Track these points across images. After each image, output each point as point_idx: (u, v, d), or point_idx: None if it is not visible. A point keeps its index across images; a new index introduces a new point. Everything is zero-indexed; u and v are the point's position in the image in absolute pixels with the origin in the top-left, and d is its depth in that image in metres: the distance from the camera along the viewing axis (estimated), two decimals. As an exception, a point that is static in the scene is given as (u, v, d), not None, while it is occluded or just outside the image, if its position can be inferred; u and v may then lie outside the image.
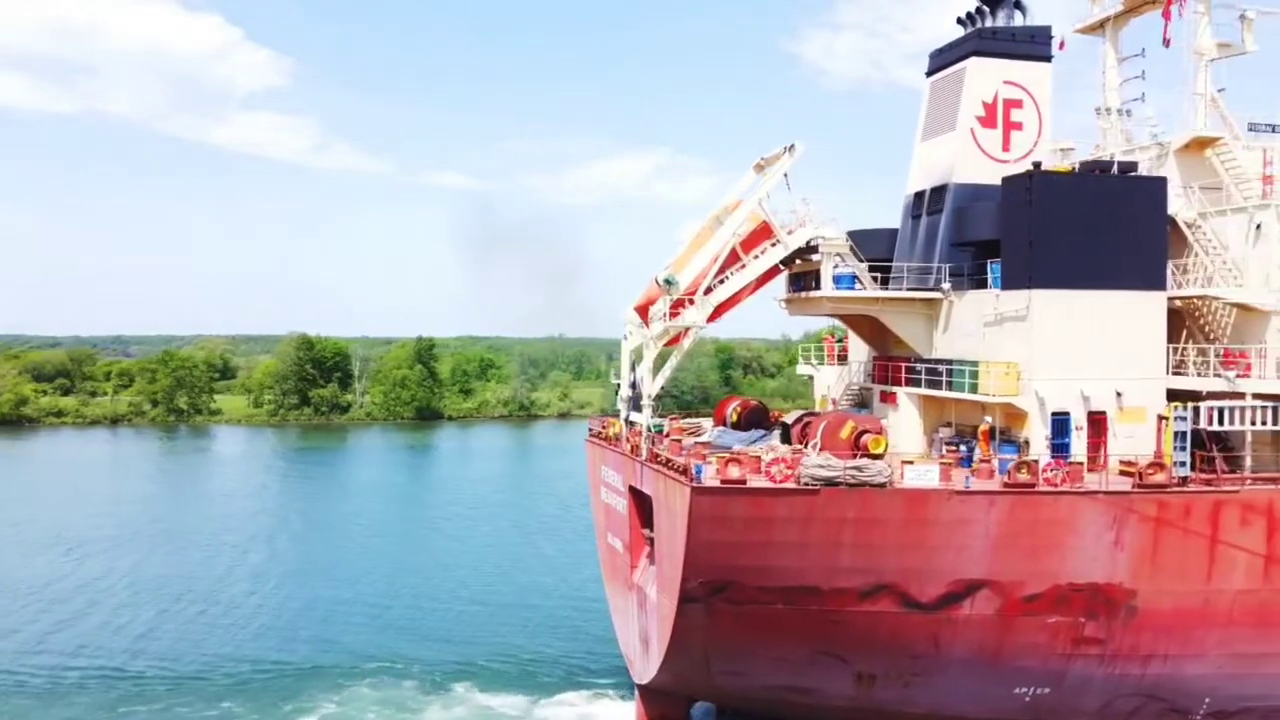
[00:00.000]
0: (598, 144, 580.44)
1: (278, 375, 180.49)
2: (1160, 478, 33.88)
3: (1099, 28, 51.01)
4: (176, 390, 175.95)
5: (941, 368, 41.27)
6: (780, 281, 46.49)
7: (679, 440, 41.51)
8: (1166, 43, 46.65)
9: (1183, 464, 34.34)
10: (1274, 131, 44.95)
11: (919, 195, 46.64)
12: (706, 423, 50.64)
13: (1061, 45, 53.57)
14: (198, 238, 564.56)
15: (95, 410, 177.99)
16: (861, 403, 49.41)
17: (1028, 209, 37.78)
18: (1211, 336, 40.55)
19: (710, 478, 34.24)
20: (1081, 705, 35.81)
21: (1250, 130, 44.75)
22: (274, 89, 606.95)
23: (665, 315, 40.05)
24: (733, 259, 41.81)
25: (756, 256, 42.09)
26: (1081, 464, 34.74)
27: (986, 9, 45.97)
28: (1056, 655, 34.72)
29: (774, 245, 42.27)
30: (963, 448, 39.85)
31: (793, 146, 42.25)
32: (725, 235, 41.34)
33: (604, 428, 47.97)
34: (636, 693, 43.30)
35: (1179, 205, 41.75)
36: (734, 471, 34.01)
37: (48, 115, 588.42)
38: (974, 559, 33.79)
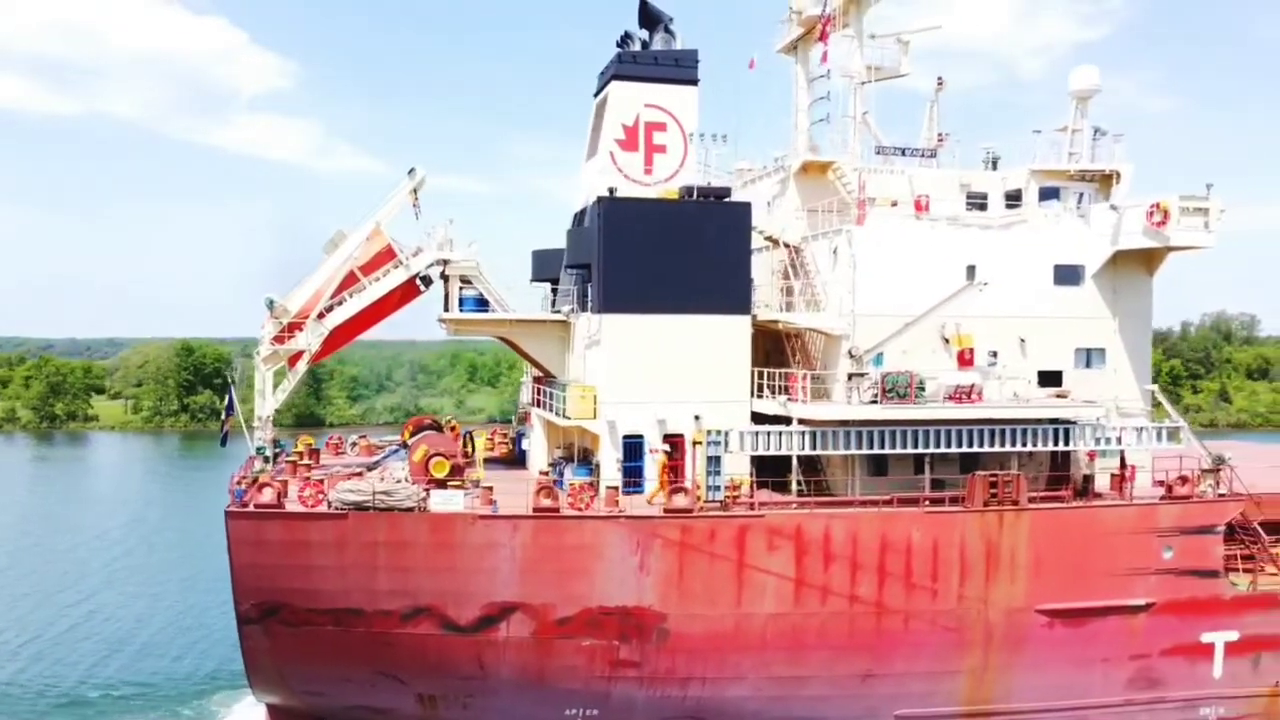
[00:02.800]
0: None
1: (156, 381, 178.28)
2: (683, 502, 34.37)
3: (792, 49, 51.93)
4: (51, 396, 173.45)
5: (550, 390, 41.71)
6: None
7: (294, 462, 41.79)
8: (824, 59, 47.56)
9: (715, 488, 34.87)
10: (904, 154, 45.86)
11: (576, 216, 47.10)
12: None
13: (751, 64, 54.56)
14: (198, 239, 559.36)
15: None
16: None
17: (598, 233, 38.27)
18: (810, 361, 41.20)
19: (252, 501, 34.43)
20: (632, 726, 36.24)
21: (878, 154, 45.62)
22: (279, 91, 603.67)
23: (271, 339, 40.35)
24: (352, 281, 42.00)
25: (378, 279, 42.26)
26: (616, 488, 35.20)
27: (644, 31, 46.59)
28: (597, 677, 35.10)
29: (397, 267, 42.47)
30: (553, 470, 40.36)
31: (414, 170, 42.55)
32: (341, 257, 41.56)
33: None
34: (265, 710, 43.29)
35: (789, 229, 42.48)
36: (268, 495, 34.21)
37: (50, 117, 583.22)
38: (504, 582, 34.17)
